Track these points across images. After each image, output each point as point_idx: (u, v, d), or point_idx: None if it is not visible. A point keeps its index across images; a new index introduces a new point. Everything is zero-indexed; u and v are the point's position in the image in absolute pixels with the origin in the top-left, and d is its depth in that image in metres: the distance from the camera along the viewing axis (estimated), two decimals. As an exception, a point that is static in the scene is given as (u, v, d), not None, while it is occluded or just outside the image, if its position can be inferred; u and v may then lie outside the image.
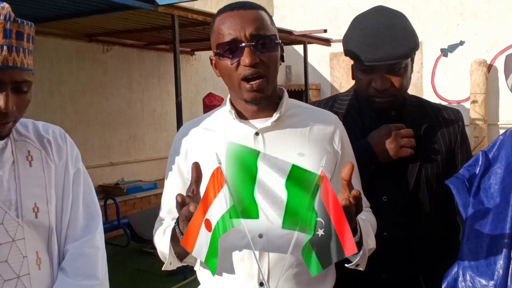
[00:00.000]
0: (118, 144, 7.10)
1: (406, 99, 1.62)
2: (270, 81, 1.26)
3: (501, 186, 1.28)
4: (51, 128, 1.31)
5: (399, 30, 1.48)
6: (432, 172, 1.55)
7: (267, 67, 1.23)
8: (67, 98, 6.41)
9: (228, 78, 1.26)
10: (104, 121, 6.91)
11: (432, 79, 8.61)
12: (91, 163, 6.46)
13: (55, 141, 1.28)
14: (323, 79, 9.58)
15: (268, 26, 1.25)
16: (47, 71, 6.16)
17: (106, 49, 6.93)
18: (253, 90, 1.23)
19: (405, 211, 1.54)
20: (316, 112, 1.38)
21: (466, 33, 8.23)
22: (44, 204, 1.20)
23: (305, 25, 8.66)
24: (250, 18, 1.22)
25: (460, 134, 1.61)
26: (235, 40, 1.21)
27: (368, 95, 1.53)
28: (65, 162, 1.28)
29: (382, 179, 1.55)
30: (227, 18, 1.24)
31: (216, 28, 1.26)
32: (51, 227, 1.21)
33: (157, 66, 7.69)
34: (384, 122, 1.57)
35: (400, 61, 1.46)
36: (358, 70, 1.54)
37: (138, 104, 7.43)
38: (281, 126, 1.29)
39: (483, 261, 1.25)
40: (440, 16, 8.39)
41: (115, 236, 5.92)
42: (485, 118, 7.99)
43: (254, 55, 1.20)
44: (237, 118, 1.29)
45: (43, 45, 6.10)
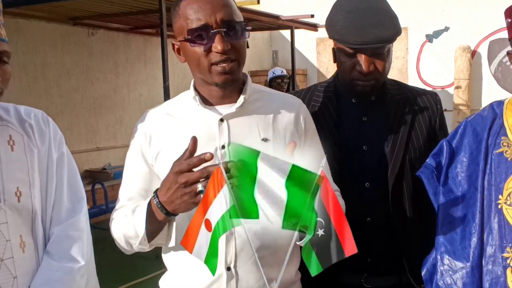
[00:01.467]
0: (104, 129, 7.06)
1: (386, 83, 1.63)
2: (241, 65, 1.25)
3: (467, 173, 1.35)
4: (33, 112, 1.30)
5: (384, 14, 1.50)
6: (415, 156, 1.57)
7: (238, 52, 1.22)
8: (52, 83, 6.33)
9: (197, 64, 1.23)
10: (90, 105, 6.85)
11: (417, 64, 8.69)
12: (77, 148, 6.42)
13: (38, 125, 1.27)
14: (310, 64, 9.59)
15: (237, 12, 1.23)
16: (31, 55, 6.07)
17: (91, 33, 6.84)
18: (225, 72, 1.21)
19: (388, 196, 1.56)
20: (279, 96, 1.39)
21: (450, 19, 8.29)
22: (27, 188, 1.19)
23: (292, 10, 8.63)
24: (220, 4, 1.19)
25: (439, 117, 1.64)
26: (205, 25, 1.18)
27: (351, 79, 1.53)
28: (48, 146, 1.27)
29: (365, 164, 1.57)
30: (195, 2, 1.19)
31: (183, 12, 1.21)
32: (34, 210, 1.20)
33: (143, 50, 7.62)
34: (366, 108, 1.59)
35: (386, 44, 1.48)
36: (342, 54, 1.53)
37: (125, 88, 7.37)
38: (246, 112, 1.28)
39: (458, 245, 1.32)
40: (425, 1, 8.43)
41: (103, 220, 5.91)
42: (468, 103, 8.11)
43: (225, 41, 1.18)
44: (201, 104, 1.28)
45: (27, 28, 6.00)
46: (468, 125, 1.40)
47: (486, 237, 1.29)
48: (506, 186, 1.27)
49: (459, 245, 1.32)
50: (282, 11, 7.95)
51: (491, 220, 1.28)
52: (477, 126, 1.38)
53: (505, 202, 1.26)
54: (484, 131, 1.35)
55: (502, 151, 1.31)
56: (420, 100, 1.63)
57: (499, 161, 1.30)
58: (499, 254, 1.26)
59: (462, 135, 1.40)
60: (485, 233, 1.29)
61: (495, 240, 1.27)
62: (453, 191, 1.37)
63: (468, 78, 8.07)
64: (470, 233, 1.30)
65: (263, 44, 9.89)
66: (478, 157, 1.34)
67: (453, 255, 1.32)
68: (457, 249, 1.32)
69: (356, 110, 1.59)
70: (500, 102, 1.38)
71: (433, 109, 1.64)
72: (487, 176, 1.31)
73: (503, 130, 1.33)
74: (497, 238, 1.26)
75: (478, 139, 1.36)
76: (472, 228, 1.30)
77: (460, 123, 1.44)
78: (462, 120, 1.40)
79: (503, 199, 1.27)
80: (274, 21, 7.02)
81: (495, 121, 1.36)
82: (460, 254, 1.31)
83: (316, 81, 9.35)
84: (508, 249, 1.24)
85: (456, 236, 1.33)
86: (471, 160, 1.36)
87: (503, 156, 1.30)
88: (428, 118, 1.62)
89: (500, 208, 1.27)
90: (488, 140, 1.34)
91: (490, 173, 1.31)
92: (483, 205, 1.30)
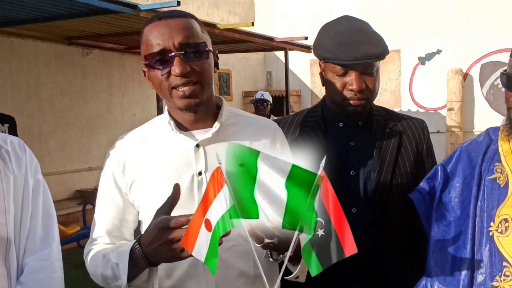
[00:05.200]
0: (97, 149, 7.02)
1: (373, 108, 1.64)
2: (205, 87, 1.22)
3: (460, 199, 1.34)
4: (9, 138, 1.27)
5: (372, 34, 1.53)
6: (402, 182, 1.56)
7: (199, 74, 1.20)
8: (45, 102, 6.31)
9: (159, 88, 1.22)
10: (83, 125, 6.82)
11: (410, 86, 8.77)
12: (69, 168, 6.37)
13: (14, 152, 1.24)
14: (303, 85, 9.65)
15: (198, 34, 1.22)
16: (24, 74, 6.06)
17: (86, 53, 6.86)
18: (185, 96, 1.19)
19: (375, 222, 1.54)
20: (255, 120, 1.37)
21: (443, 42, 8.41)
22: (2, 215, 1.16)
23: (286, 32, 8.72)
24: (178, 27, 1.18)
25: (426, 144, 1.64)
26: (163, 50, 1.17)
27: (343, 98, 1.53)
28: (25, 172, 1.24)
29: (352, 189, 1.55)
30: (154, 28, 1.19)
31: (145, 39, 1.21)
32: (9, 239, 1.16)
33: (137, 70, 7.63)
34: (353, 133, 1.59)
35: (376, 61, 1.50)
36: (331, 75, 1.53)
37: (118, 108, 7.36)
38: (222, 137, 1.26)
39: (448, 272, 1.30)
40: (417, 24, 8.56)
41: (93, 241, 5.84)
42: (461, 125, 8.16)
43: (184, 64, 1.16)
44: (176, 129, 1.25)
45: (21, 47, 6.00)
46: (464, 150, 1.40)
47: (476, 265, 1.27)
48: (498, 213, 1.25)
49: (449, 272, 1.30)
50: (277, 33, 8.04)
51: (482, 247, 1.26)
52: (472, 152, 1.37)
53: (496, 230, 1.24)
54: (479, 157, 1.35)
55: (495, 178, 1.30)
56: (407, 127, 1.63)
57: (491, 188, 1.29)
58: (489, 282, 1.24)
59: (457, 161, 1.39)
60: (475, 261, 1.27)
61: (485, 268, 1.25)
62: (446, 217, 1.35)
63: (461, 100, 8.14)
64: (461, 260, 1.29)
65: (257, 65, 9.96)
66: (471, 183, 1.33)
67: (443, 281, 1.30)
68: (447, 276, 1.30)
69: (344, 135, 1.59)
70: (496, 128, 1.38)
71: (420, 135, 1.64)
72: (480, 202, 1.30)
73: (497, 156, 1.32)
74: (488, 266, 1.24)
75: (472, 164, 1.35)
76: (463, 254, 1.29)
77: (456, 148, 1.44)
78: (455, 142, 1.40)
79: (494, 226, 1.25)
80: (268, 42, 7.08)
81: (490, 147, 1.35)
82: (450, 282, 1.29)
83: (309, 102, 9.40)
84: (497, 277, 1.22)
85: (447, 262, 1.31)
86: (464, 185, 1.34)
87: (496, 182, 1.29)
88: (415, 145, 1.61)
89: (491, 235, 1.25)
90: (482, 166, 1.33)
91: (483, 199, 1.30)
92: (474, 232, 1.29)
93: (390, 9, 8.71)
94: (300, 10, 9.50)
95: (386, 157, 1.56)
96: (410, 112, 8.50)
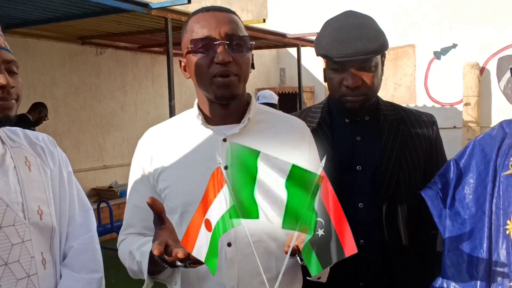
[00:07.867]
0: (111, 147, 7.07)
1: (380, 103, 1.62)
2: (242, 81, 1.24)
3: (475, 196, 1.31)
4: (40, 135, 1.36)
5: (368, 29, 1.50)
6: (410, 177, 1.54)
7: (239, 67, 1.22)
8: (60, 101, 6.39)
9: (199, 76, 1.23)
10: (97, 124, 6.89)
11: (425, 81, 8.66)
12: (84, 166, 6.44)
13: (47, 148, 1.33)
14: (317, 82, 9.60)
15: (242, 29, 1.25)
16: (39, 74, 6.14)
17: (100, 52, 6.91)
18: (225, 85, 1.21)
19: (382, 217, 1.52)
20: (283, 118, 1.38)
21: (458, 36, 8.28)
22: (46, 206, 1.25)
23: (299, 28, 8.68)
24: (225, 19, 1.22)
25: (435, 139, 1.61)
26: (209, 37, 1.20)
27: (340, 95, 1.53)
28: (59, 166, 1.33)
29: (359, 185, 1.54)
30: (202, 17, 1.23)
31: (190, 27, 1.24)
32: (53, 228, 1.26)
33: (150, 68, 7.67)
34: (360, 128, 1.57)
35: (370, 57, 1.47)
36: (329, 71, 1.54)
37: (132, 106, 7.41)
38: (249, 133, 1.27)
39: (465, 272, 1.27)
40: (432, 19, 8.44)
41: (108, 239, 5.88)
42: (477, 120, 8.04)
43: (227, 53, 1.19)
44: (204, 123, 1.27)
45: (35, 47, 6.07)
46: (477, 144, 1.36)
47: (493, 265, 1.24)
48: None
49: (466, 273, 1.27)
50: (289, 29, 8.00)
51: (498, 246, 1.23)
52: (485, 146, 1.34)
53: None
54: (493, 151, 1.31)
55: (511, 173, 1.26)
56: (415, 121, 1.61)
57: (507, 184, 1.26)
58: (507, 282, 1.20)
59: (471, 155, 1.36)
60: (492, 260, 1.24)
61: (502, 268, 1.21)
62: (460, 214, 1.32)
63: (477, 95, 8.02)
64: (477, 259, 1.25)
65: (270, 62, 9.94)
66: (486, 179, 1.29)
67: (460, 282, 1.28)
68: (464, 277, 1.27)
69: (350, 130, 1.58)
70: (510, 121, 1.34)
71: (428, 130, 1.61)
72: (495, 199, 1.27)
73: None
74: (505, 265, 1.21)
75: (486, 159, 1.31)
76: (480, 254, 1.25)
77: (469, 142, 1.40)
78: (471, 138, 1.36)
79: (511, 224, 1.22)
80: (281, 39, 7.06)
81: (504, 141, 1.31)
82: (467, 281, 1.26)
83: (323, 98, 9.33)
84: None
85: (463, 262, 1.28)
86: (479, 182, 1.31)
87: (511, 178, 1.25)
88: (423, 139, 1.59)
89: (508, 234, 1.22)
90: (497, 161, 1.30)
91: (499, 196, 1.26)
92: (491, 230, 1.25)
93: (405, 3, 8.60)
94: (312, 6, 9.44)
95: (393, 152, 1.54)
96: (425, 108, 8.40)
